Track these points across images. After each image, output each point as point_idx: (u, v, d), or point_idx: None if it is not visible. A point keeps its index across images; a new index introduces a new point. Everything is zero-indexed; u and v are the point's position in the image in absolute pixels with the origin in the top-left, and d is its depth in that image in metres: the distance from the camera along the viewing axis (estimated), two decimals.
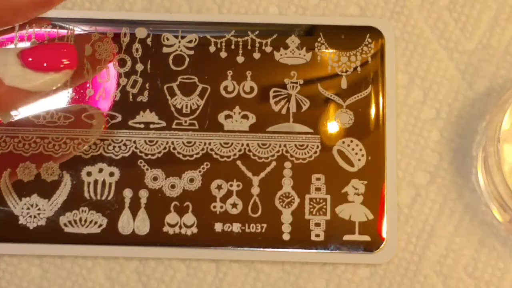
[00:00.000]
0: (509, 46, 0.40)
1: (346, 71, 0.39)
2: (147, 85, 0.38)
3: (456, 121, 0.39)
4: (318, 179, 0.37)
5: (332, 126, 0.38)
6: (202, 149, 0.38)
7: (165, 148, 0.38)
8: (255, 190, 0.37)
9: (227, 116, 0.38)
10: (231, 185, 0.37)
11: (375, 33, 0.39)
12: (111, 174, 0.37)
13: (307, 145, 0.38)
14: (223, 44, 0.39)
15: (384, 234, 0.37)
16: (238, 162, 0.38)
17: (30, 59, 0.33)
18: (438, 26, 0.40)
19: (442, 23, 0.40)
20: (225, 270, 0.37)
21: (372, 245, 0.37)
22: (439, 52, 0.39)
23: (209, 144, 0.38)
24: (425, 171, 0.38)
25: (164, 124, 0.38)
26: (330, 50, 0.39)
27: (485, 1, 0.40)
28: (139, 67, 0.38)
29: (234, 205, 0.37)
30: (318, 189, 0.37)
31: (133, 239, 0.37)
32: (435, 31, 0.40)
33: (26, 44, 0.36)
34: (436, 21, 0.40)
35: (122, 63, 0.39)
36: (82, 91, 0.38)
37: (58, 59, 0.33)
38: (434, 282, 0.37)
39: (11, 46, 0.38)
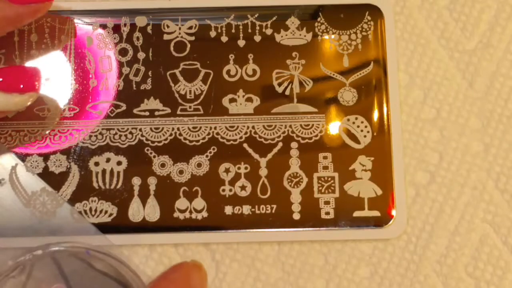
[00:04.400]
0: (510, 45, 0.40)
1: (347, 50, 0.39)
2: (149, 73, 0.38)
3: (456, 121, 0.39)
4: (325, 157, 0.38)
5: (336, 104, 0.38)
6: (208, 134, 0.38)
7: (171, 134, 0.38)
8: (263, 172, 0.38)
9: (231, 100, 0.38)
10: (239, 168, 0.38)
11: (374, 10, 0.39)
12: (119, 163, 0.38)
13: (313, 125, 0.38)
14: (224, 28, 0.39)
15: (393, 208, 0.37)
16: (245, 145, 0.38)
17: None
18: (438, 26, 0.40)
19: (442, 23, 0.40)
20: (225, 270, 0.37)
21: (382, 220, 0.37)
22: (439, 52, 0.39)
23: (215, 128, 0.38)
24: (425, 171, 0.38)
25: (169, 110, 0.38)
26: (330, 29, 0.39)
27: (485, 1, 0.40)
28: (141, 55, 0.39)
29: (243, 188, 0.37)
30: (325, 167, 0.38)
31: (144, 226, 0.37)
32: (435, 31, 0.40)
33: None
34: (436, 21, 0.40)
35: (123, 52, 0.39)
36: (85, 82, 0.38)
37: (21, 80, 0.34)
38: (434, 282, 0.38)
39: None
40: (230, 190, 0.37)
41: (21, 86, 0.34)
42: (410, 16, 0.40)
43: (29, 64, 0.38)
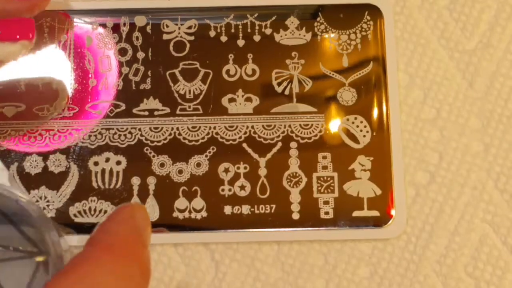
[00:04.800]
0: (510, 45, 0.39)
1: (347, 49, 0.39)
2: (149, 73, 0.38)
3: (456, 121, 0.39)
4: (324, 157, 0.38)
5: (336, 104, 0.38)
6: (208, 134, 0.38)
7: (170, 134, 0.38)
8: (262, 172, 0.38)
9: (231, 100, 0.38)
10: (238, 168, 0.38)
11: (373, 10, 0.39)
12: (118, 163, 0.38)
13: (312, 124, 0.38)
14: (223, 28, 0.39)
15: (393, 208, 0.37)
16: (244, 145, 0.38)
17: None
18: (438, 26, 0.40)
19: (442, 23, 0.40)
20: (225, 270, 0.37)
21: (381, 220, 0.37)
22: (439, 52, 0.39)
23: (214, 128, 0.38)
24: (425, 171, 0.38)
25: (168, 110, 0.38)
26: (330, 29, 0.39)
27: (485, 1, 0.40)
28: (140, 55, 0.39)
29: (242, 187, 0.37)
30: (325, 167, 0.38)
31: None
32: (435, 31, 0.40)
33: None
34: (436, 21, 0.40)
35: (123, 52, 0.39)
36: (84, 81, 0.38)
37: (15, 29, 0.34)
38: (434, 282, 0.37)
39: None
40: (230, 190, 0.37)
41: (17, 36, 0.33)
42: (410, 16, 0.40)
43: (28, 63, 0.38)
